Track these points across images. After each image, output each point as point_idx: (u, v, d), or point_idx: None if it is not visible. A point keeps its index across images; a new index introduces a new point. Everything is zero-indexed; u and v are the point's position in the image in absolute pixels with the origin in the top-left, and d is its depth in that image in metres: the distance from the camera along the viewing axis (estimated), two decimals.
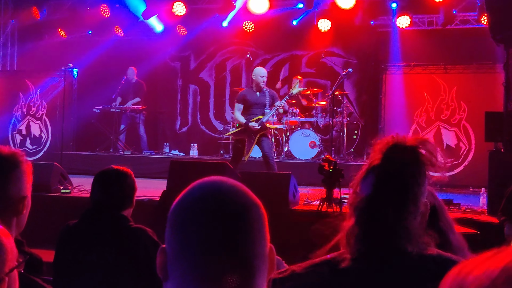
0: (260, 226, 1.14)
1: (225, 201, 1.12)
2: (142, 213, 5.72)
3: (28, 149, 12.59)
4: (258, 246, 1.13)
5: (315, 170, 5.82)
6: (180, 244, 1.12)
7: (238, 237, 1.10)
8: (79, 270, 2.98)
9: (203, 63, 13.83)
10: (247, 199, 1.15)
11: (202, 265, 1.09)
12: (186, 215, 1.12)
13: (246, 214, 1.12)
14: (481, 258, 0.80)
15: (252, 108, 8.29)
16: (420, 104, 10.43)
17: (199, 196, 1.13)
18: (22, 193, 2.11)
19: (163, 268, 1.14)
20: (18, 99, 12.76)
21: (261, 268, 1.13)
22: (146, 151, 12.03)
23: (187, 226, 1.11)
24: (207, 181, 1.17)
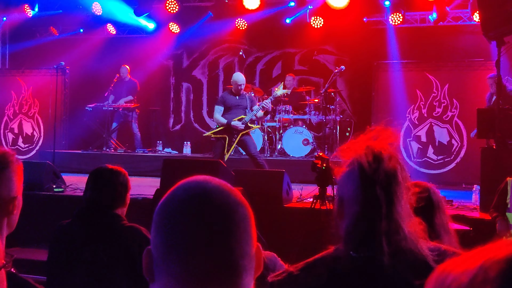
0: (246, 225, 1.13)
1: (210, 201, 1.11)
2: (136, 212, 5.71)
3: (20, 148, 12.54)
4: (245, 246, 1.12)
5: (308, 167, 5.82)
6: (165, 245, 1.10)
7: (223, 237, 1.09)
8: (73, 269, 2.96)
9: (196, 61, 13.81)
10: (233, 198, 1.13)
11: (188, 266, 1.08)
12: (171, 216, 1.11)
13: (232, 214, 1.11)
14: (463, 256, 0.80)
15: (232, 110, 8.37)
16: (412, 101, 10.46)
17: (183, 196, 1.12)
18: (12, 194, 2.09)
19: (149, 269, 1.13)
20: (10, 97, 12.71)
21: (247, 268, 1.12)
22: (140, 149, 12.00)
23: (172, 227, 1.10)
24: (192, 181, 1.15)
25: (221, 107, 8.43)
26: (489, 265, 0.75)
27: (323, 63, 12.70)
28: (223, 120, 8.33)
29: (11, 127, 12.74)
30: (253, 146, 8.38)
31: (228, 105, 8.41)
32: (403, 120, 10.44)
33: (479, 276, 0.75)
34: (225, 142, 8.29)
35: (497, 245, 0.78)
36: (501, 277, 0.73)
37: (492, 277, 0.73)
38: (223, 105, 8.44)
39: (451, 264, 0.81)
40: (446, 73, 10.47)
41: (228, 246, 1.10)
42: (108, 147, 12.00)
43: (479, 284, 0.74)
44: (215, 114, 8.46)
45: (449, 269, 0.80)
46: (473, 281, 0.75)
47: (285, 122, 11.16)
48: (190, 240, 1.08)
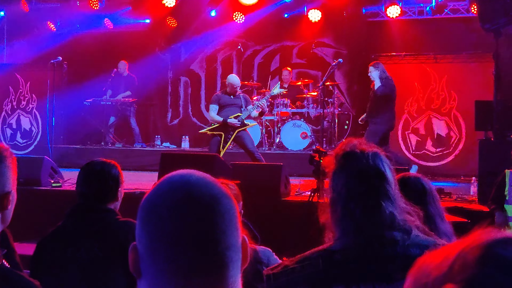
0: (231, 217, 1.13)
1: (193, 194, 1.11)
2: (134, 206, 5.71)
3: (18, 143, 12.53)
4: (230, 237, 1.12)
5: (306, 161, 5.82)
6: (150, 240, 1.10)
7: (208, 229, 1.09)
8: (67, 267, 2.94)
9: (193, 55, 13.78)
10: (216, 190, 1.13)
11: (173, 260, 1.08)
12: (154, 210, 1.11)
13: (216, 206, 1.11)
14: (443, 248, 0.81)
15: (227, 108, 8.39)
16: (410, 94, 10.45)
17: (167, 190, 1.12)
18: (6, 189, 2.08)
19: (135, 265, 1.13)
20: (8, 92, 12.69)
21: (233, 259, 1.12)
22: (138, 144, 12.00)
23: (156, 221, 1.10)
24: (175, 175, 1.16)
25: (216, 106, 8.46)
26: (468, 251, 0.75)
27: (321, 56, 12.68)
28: (218, 118, 8.34)
29: (9, 123, 12.73)
30: (250, 141, 8.39)
31: (223, 103, 8.44)
32: (402, 113, 10.43)
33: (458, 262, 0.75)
34: (221, 139, 8.30)
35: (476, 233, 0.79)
36: (479, 261, 0.73)
37: (470, 261, 0.74)
38: (218, 104, 8.46)
39: (431, 255, 0.81)
40: (444, 66, 10.47)
41: (213, 238, 1.10)
42: (106, 142, 11.99)
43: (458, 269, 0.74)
44: (211, 113, 8.48)
45: (429, 260, 0.80)
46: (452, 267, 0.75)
47: (283, 116, 11.15)
48: (174, 234, 1.08)
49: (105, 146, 11.86)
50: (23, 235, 6.06)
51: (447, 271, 0.75)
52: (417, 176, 2.56)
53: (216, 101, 8.50)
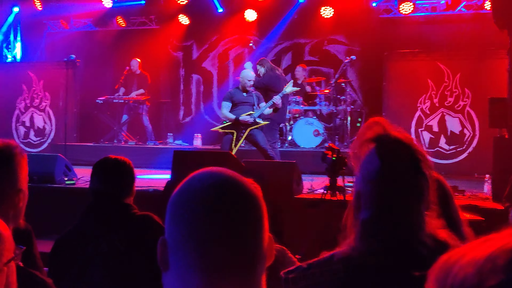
0: (259, 216, 1.14)
1: (225, 192, 1.12)
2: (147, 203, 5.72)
3: (32, 141, 12.61)
4: (259, 236, 1.13)
5: (318, 158, 5.81)
6: (180, 235, 1.12)
7: (239, 227, 1.11)
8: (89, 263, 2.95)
9: (205, 53, 13.79)
10: (246, 189, 1.15)
11: (203, 256, 1.09)
12: (186, 206, 1.12)
13: (246, 204, 1.13)
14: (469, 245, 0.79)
15: (239, 106, 8.36)
16: (424, 91, 10.38)
17: (199, 186, 1.13)
18: (17, 186, 2.09)
19: (163, 258, 1.15)
20: (22, 91, 12.77)
21: (261, 258, 1.14)
22: (151, 142, 12.04)
23: (187, 217, 1.11)
24: (206, 172, 1.16)
25: (228, 103, 8.43)
26: (498, 254, 0.74)
27: (334, 53, 12.64)
28: (231, 116, 8.32)
29: (22, 121, 12.81)
30: (262, 139, 8.37)
31: (235, 101, 8.41)
32: (415, 110, 10.37)
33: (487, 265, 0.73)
34: (233, 137, 8.29)
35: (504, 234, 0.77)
36: (510, 266, 0.72)
37: (501, 266, 0.72)
38: (231, 101, 8.43)
39: (455, 254, 0.79)
40: (457, 62, 10.38)
41: (243, 236, 1.12)
42: (119, 140, 12.05)
43: (487, 273, 0.73)
44: (223, 110, 8.46)
45: (454, 259, 0.79)
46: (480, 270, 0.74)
47: (296, 113, 11.14)
48: (206, 230, 1.10)
49: (118, 144, 11.91)
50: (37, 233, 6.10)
51: (475, 273, 0.74)
52: (438, 177, 2.46)
53: (229, 98, 8.49)
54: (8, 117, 12.80)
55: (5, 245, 1.42)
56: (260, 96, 8.65)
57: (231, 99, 8.45)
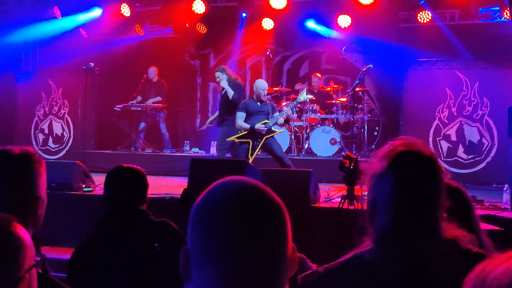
0: (283, 226, 1.13)
1: (248, 202, 1.11)
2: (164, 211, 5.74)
3: (50, 148, 12.72)
4: (282, 246, 1.12)
5: (335, 167, 5.79)
6: (203, 245, 1.11)
7: (263, 237, 1.10)
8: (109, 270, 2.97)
9: (222, 61, 13.83)
10: (270, 199, 1.13)
11: (227, 266, 1.08)
12: (209, 215, 1.11)
13: (270, 214, 1.12)
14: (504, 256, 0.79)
15: (254, 116, 8.37)
16: (442, 100, 10.31)
17: (222, 196, 1.12)
18: (36, 193, 2.10)
19: (185, 268, 1.14)
20: (41, 98, 12.90)
21: (284, 268, 1.13)
22: (167, 149, 12.10)
23: (210, 227, 1.10)
24: (229, 181, 1.15)
25: (243, 113, 8.45)
26: None
27: (351, 61, 12.62)
28: (246, 125, 8.34)
29: (41, 128, 12.92)
30: (278, 147, 8.37)
31: (250, 111, 8.43)
32: (433, 119, 10.31)
33: None
34: (249, 146, 8.30)
35: None
36: None
37: None
38: (245, 111, 8.46)
39: (490, 264, 0.79)
40: (476, 71, 10.30)
41: (267, 246, 1.10)
42: (136, 147, 12.12)
43: None
44: (237, 120, 8.47)
45: (488, 268, 0.79)
46: None
47: (312, 122, 11.12)
48: (229, 240, 1.08)
49: (135, 151, 11.98)
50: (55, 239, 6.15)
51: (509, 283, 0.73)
52: (457, 186, 2.44)
53: (244, 108, 8.51)
54: (27, 124, 12.93)
55: (26, 252, 1.43)
56: (274, 105, 8.67)
57: (246, 109, 8.46)
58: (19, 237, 1.43)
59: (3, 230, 1.42)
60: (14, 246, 1.41)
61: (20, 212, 2.01)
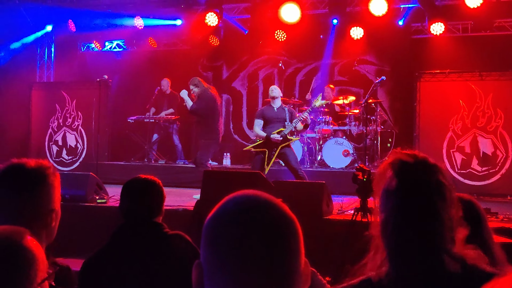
0: (296, 240, 1.13)
1: (261, 215, 1.11)
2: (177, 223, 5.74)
3: (64, 160, 12.80)
4: (295, 261, 1.12)
5: (348, 178, 5.77)
6: (216, 259, 1.11)
7: (276, 252, 1.09)
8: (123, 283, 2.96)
9: (235, 73, 13.88)
10: (283, 213, 1.13)
11: (240, 281, 1.08)
12: (222, 229, 1.11)
13: (283, 229, 1.12)
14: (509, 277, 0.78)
15: (271, 123, 8.40)
16: (455, 112, 10.27)
17: (234, 210, 1.12)
18: (50, 206, 2.11)
19: (199, 283, 1.14)
20: (55, 110, 13.00)
21: (296, 282, 1.12)
22: (180, 161, 12.13)
23: (223, 241, 1.10)
24: (242, 195, 1.15)
25: (260, 121, 8.50)
26: None
27: (363, 73, 12.61)
28: (262, 133, 8.37)
29: (55, 140, 13.01)
30: (293, 158, 8.37)
31: (267, 118, 8.46)
32: (446, 131, 10.26)
33: None
34: (264, 156, 8.31)
35: None
36: None
37: None
38: (262, 118, 8.49)
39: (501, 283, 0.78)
40: (490, 83, 10.25)
41: (279, 260, 1.10)
42: (149, 159, 12.16)
43: None
44: (255, 127, 8.53)
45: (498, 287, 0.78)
46: None
47: (325, 133, 11.11)
48: (242, 254, 1.08)
49: (148, 162, 12.01)
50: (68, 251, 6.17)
51: None
52: (470, 198, 2.41)
53: (261, 115, 8.55)
54: (41, 136, 13.02)
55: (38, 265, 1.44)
56: (292, 111, 8.67)
57: (263, 116, 8.49)
58: (31, 251, 1.44)
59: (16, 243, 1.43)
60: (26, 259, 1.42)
61: (34, 224, 2.02)
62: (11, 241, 1.43)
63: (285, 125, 8.38)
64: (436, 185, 1.71)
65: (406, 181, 1.72)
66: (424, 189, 1.71)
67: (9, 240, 1.43)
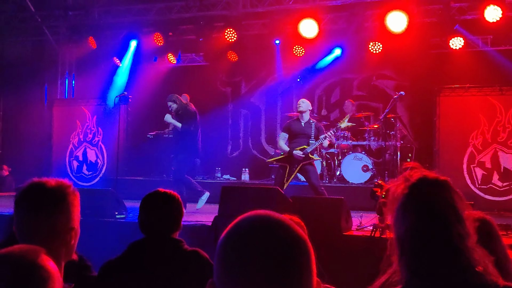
0: (307, 260, 1.14)
1: (274, 235, 1.12)
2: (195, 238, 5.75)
3: (84, 175, 12.90)
4: (306, 280, 1.13)
5: (368, 194, 5.74)
6: (229, 277, 1.12)
7: (287, 272, 1.10)
8: None
9: (254, 88, 13.93)
10: (295, 233, 1.15)
11: None
12: (235, 249, 1.13)
13: (295, 248, 1.13)
14: None
15: (296, 138, 8.38)
16: (475, 127, 10.19)
17: (247, 230, 1.14)
18: (70, 225, 2.14)
19: None
20: (75, 126, 13.13)
21: None
22: (199, 176, 12.15)
23: (235, 260, 1.11)
24: (255, 215, 1.17)
25: (285, 134, 8.51)
26: None
27: (382, 88, 12.58)
28: (285, 148, 8.38)
29: (76, 155, 13.13)
30: (314, 175, 8.35)
31: (293, 132, 8.45)
32: (467, 146, 10.17)
33: None
34: (285, 171, 8.30)
35: None
36: None
37: None
38: (288, 132, 8.49)
39: None
40: (510, 98, 10.17)
41: (291, 280, 1.11)
42: (168, 174, 12.19)
43: None
44: (279, 140, 8.55)
45: None
46: None
47: (344, 148, 11.07)
48: (254, 273, 1.10)
49: (167, 178, 12.05)
50: None
51: None
52: (482, 216, 2.42)
53: (287, 129, 8.55)
54: (62, 151, 13.15)
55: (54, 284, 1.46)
56: (320, 127, 8.63)
57: (289, 129, 8.49)
58: (47, 269, 1.45)
59: (32, 262, 1.45)
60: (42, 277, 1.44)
61: (54, 243, 2.05)
62: (27, 259, 1.44)
63: (309, 143, 8.35)
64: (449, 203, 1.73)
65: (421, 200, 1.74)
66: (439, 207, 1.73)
67: (24, 259, 1.44)
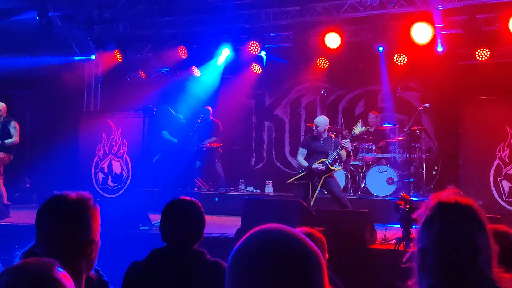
0: (319, 273, 1.14)
1: (286, 249, 1.13)
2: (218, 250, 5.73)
3: (109, 187, 13.00)
4: None
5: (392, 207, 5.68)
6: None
7: (298, 285, 1.10)
8: None
9: (277, 100, 13.94)
10: (307, 247, 1.15)
11: None
12: (247, 261, 1.13)
13: (307, 262, 1.13)
14: None
15: (315, 154, 8.35)
16: (502, 139, 10.03)
17: (259, 244, 1.14)
18: (90, 237, 2.15)
19: None
20: (101, 138, 13.26)
21: None
22: (222, 188, 12.17)
23: (247, 273, 1.12)
24: (267, 229, 1.18)
25: (304, 150, 8.50)
26: None
27: (407, 100, 12.48)
28: (304, 163, 8.35)
29: (101, 167, 13.25)
30: (337, 187, 8.31)
31: (311, 149, 8.43)
32: (493, 158, 10.02)
33: None
34: (308, 188, 8.25)
35: None
36: None
37: None
38: (307, 148, 8.47)
39: None
40: None
41: None
42: (192, 186, 12.25)
43: None
44: (298, 156, 8.53)
45: None
46: None
47: (369, 161, 10.99)
48: (264, 285, 1.10)
49: (191, 190, 12.09)
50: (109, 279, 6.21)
51: None
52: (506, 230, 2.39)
53: (306, 145, 8.54)
54: (88, 163, 13.27)
55: None
56: (337, 141, 8.59)
57: (308, 146, 8.47)
58: (61, 283, 1.46)
59: (46, 275, 1.45)
60: None
61: (75, 255, 2.07)
62: (41, 273, 1.45)
63: (327, 155, 8.33)
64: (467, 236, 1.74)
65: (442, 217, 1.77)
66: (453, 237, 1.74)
67: (39, 272, 1.45)
